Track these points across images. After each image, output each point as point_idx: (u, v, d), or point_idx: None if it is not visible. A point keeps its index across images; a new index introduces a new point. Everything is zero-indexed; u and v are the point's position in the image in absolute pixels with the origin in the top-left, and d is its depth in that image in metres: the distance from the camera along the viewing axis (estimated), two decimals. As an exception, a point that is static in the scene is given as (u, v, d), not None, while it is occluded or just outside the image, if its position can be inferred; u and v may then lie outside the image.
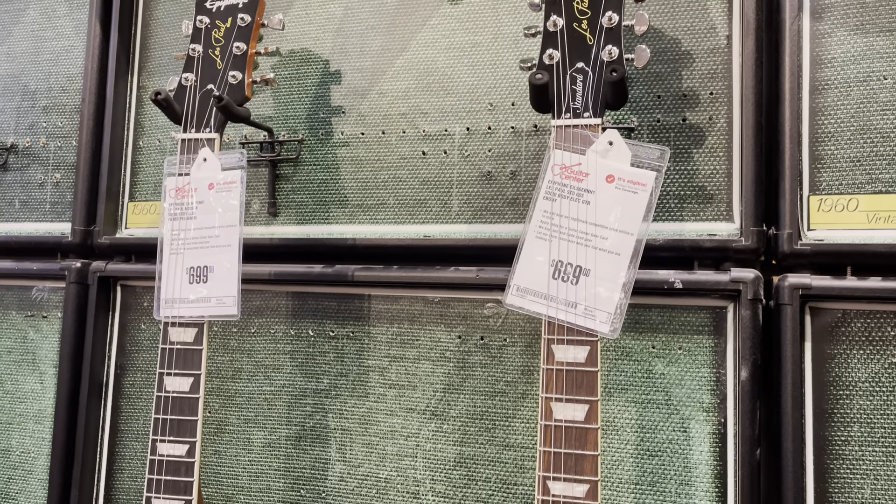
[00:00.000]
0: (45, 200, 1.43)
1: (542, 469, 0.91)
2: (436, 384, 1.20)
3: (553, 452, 0.91)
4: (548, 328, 0.94)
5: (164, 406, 1.06)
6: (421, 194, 1.23)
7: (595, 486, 0.89)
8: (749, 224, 1.06)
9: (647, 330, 1.12)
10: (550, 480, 0.91)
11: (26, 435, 1.39)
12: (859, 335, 1.03)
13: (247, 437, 1.28)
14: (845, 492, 1.02)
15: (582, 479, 0.90)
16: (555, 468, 0.91)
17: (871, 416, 1.02)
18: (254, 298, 1.30)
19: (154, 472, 1.05)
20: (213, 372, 1.31)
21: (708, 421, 1.08)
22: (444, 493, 1.18)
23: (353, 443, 1.23)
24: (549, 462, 0.91)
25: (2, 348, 1.43)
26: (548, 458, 0.91)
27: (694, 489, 1.07)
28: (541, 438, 0.92)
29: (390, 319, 1.24)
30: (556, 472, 0.91)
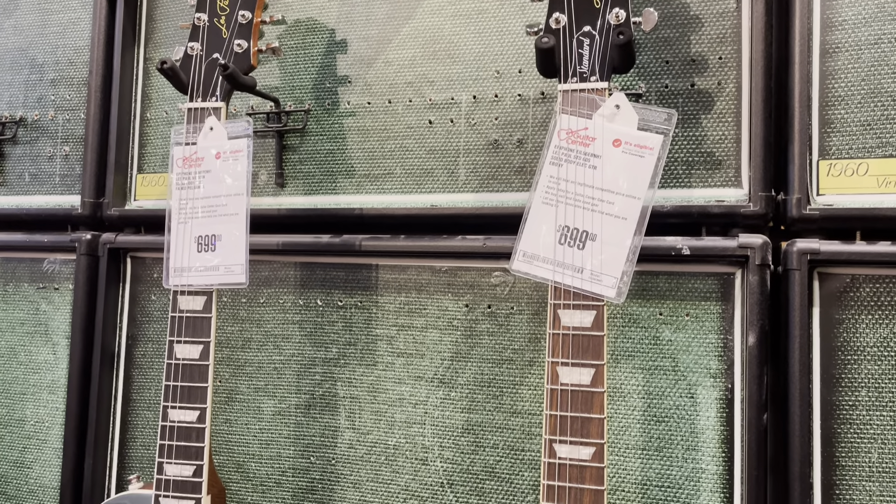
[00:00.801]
0: (54, 173, 1.44)
1: (548, 432, 0.92)
2: (443, 352, 1.21)
3: (559, 416, 0.91)
4: (554, 293, 0.94)
5: (174, 373, 1.07)
6: (428, 163, 1.23)
7: (601, 449, 0.90)
8: (757, 189, 1.06)
9: (655, 297, 1.12)
10: (557, 443, 0.91)
11: (40, 405, 1.41)
12: (868, 300, 1.03)
13: (257, 405, 1.29)
14: (852, 456, 1.02)
15: (588, 442, 0.90)
16: (561, 431, 0.91)
17: (880, 380, 1.02)
18: (262, 269, 1.31)
19: (166, 438, 1.06)
20: (223, 342, 1.32)
21: (715, 387, 1.08)
22: (452, 460, 1.19)
23: (361, 411, 1.24)
24: (555, 425, 0.92)
25: (15, 320, 1.44)
26: (554, 421, 0.92)
27: (701, 454, 1.08)
28: (547, 402, 0.92)
29: (398, 289, 1.24)
30: (562, 436, 0.91)
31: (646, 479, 1.10)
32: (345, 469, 1.24)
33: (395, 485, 1.21)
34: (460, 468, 1.18)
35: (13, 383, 1.43)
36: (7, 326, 1.45)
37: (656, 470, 1.09)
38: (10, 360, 1.44)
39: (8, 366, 1.44)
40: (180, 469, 1.05)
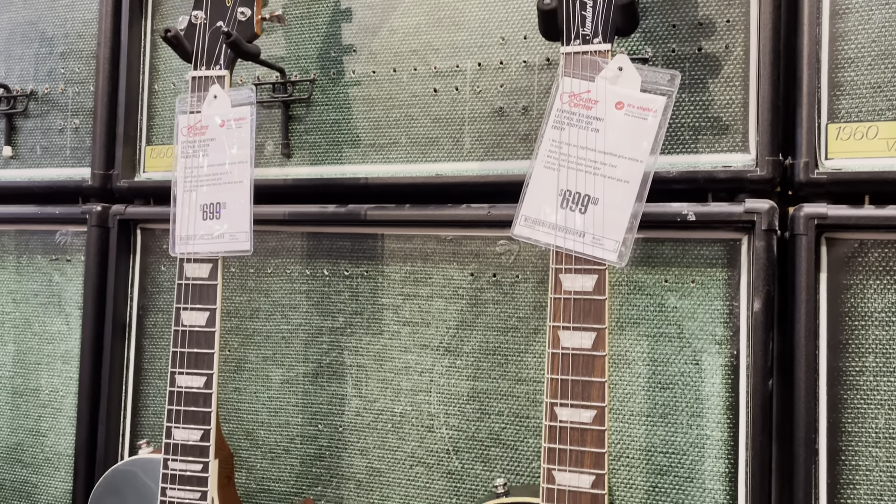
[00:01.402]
0: (65, 146, 1.45)
1: (549, 396, 0.92)
2: (449, 321, 1.21)
3: (560, 380, 0.92)
4: (556, 258, 0.93)
5: (181, 340, 1.08)
6: (433, 132, 1.23)
7: (602, 412, 0.90)
8: (764, 154, 1.04)
9: (660, 264, 1.11)
10: (558, 406, 0.91)
11: (54, 375, 1.44)
12: (876, 265, 1.01)
13: (266, 374, 1.31)
14: (859, 422, 1.01)
15: (589, 406, 0.90)
16: (562, 395, 0.91)
17: (887, 346, 1.01)
18: (270, 239, 1.32)
19: (174, 403, 1.08)
20: (232, 311, 1.33)
21: (720, 353, 1.07)
22: (457, 427, 1.19)
23: (368, 379, 1.25)
24: (556, 389, 0.92)
25: (29, 291, 1.46)
26: (555, 385, 0.92)
27: (705, 421, 1.07)
28: (549, 366, 0.92)
29: (403, 258, 1.24)
30: (563, 399, 0.91)
31: (650, 445, 1.10)
32: (352, 436, 1.25)
33: (401, 451, 1.22)
34: (466, 435, 1.19)
35: (28, 353, 1.46)
36: (21, 298, 1.47)
37: (661, 436, 1.09)
38: (25, 331, 1.46)
39: (23, 336, 1.46)
40: (188, 433, 1.07)
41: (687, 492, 1.07)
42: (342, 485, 1.25)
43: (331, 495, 1.25)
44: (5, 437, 1.45)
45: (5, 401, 1.46)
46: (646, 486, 1.09)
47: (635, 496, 1.10)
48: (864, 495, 1.01)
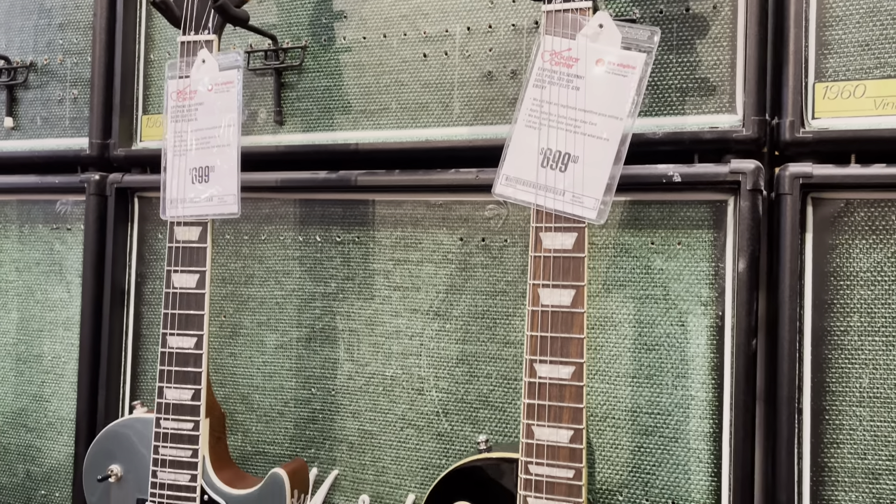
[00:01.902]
0: (64, 116, 1.47)
1: (529, 353, 0.93)
2: (438, 285, 1.22)
3: (540, 336, 0.92)
4: (536, 216, 0.94)
5: (172, 301, 1.10)
6: (422, 98, 1.23)
7: (580, 368, 0.90)
8: (750, 114, 1.04)
9: (647, 226, 1.11)
10: (537, 363, 0.92)
11: (57, 341, 1.46)
12: (862, 225, 1.01)
13: (260, 339, 1.33)
14: (843, 381, 1.01)
15: (568, 361, 0.91)
16: (541, 351, 0.92)
17: (872, 305, 1.00)
18: (263, 206, 1.33)
19: (165, 363, 1.10)
20: (227, 278, 1.35)
21: (706, 314, 1.07)
22: (447, 390, 1.21)
23: (360, 343, 1.27)
24: (535, 346, 0.92)
25: (31, 260, 1.49)
26: (535, 341, 0.92)
27: (690, 381, 1.08)
28: (528, 323, 0.93)
29: (394, 224, 1.25)
30: (542, 356, 0.92)
31: (636, 406, 1.10)
32: (344, 399, 1.27)
33: (392, 414, 1.24)
34: (455, 397, 1.20)
35: (31, 321, 1.48)
36: (24, 266, 1.50)
37: (646, 397, 1.10)
38: (28, 299, 1.49)
39: (25, 304, 1.49)
40: (179, 393, 1.09)
41: (672, 451, 1.08)
42: (335, 447, 1.27)
43: (324, 457, 1.27)
44: (10, 403, 1.49)
45: (9, 367, 1.49)
46: (631, 446, 1.10)
47: (621, 456, 1.10)
48: (848, 454, 1.01)
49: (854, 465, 1.00)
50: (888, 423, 0.99)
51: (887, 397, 0.99)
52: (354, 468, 1.26)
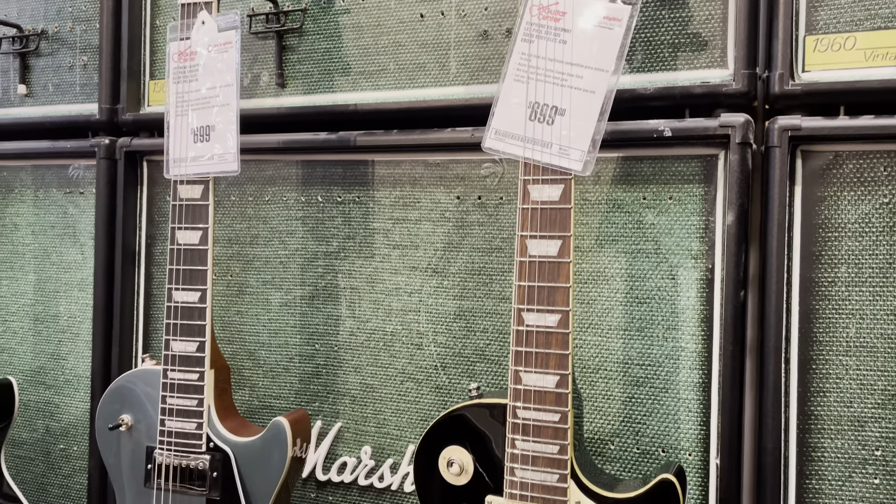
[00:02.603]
0: (74, 83, 1.51)
1: (517, 302, 0.95)
2: (436, 243, 1.25)
3: (527, 286, 0.95)
4: (524, 169, 0.96)
5: (177, 258, 1.14)
6: (420, 58, 1.25)
7: (566, 316, 0.93)
8: (741, 68, 1.04)
9: (639, 182, 1.12)
10: (525, 312, 0.95)
11: (72, 302, 1.52)
12: (851, 177, 1.02)
13: (265, 297, 1.36)
14: (830, 331, 1.03)
15: (554, 310, 0.93)
16: (529, 300, 0.95)
17: (860, 256, 1.01)
18: (267, 168, 1.36)
19: (171, 317, 1.14)
20: (233, 238, 1.39)
21: (696, 267, 1.09)
22: (445, 344, 1.24)
23: (361, 300, 1.30)
24: (523, 295, 0.95)
25: (46, 223, 1.54)
26: (522, 291, 0.95)
27: (680, 333, 1.10)
28: (516, 273, 0.95)
29: (393, 183, 1.28)
30: (529, 304, 0.94)
31: (627, 358, 1.13)
32: (346, 355, 1.31)
33: (392, 368, 1.27)
34: (453, 352, 1.23)
35: (47, 282, 1.54)
36: (40, 230, 1.55)
37: (637, 349, 1.12)
38: (44, 261, 1.54)
39: (42, 266, 1.54)
40: (185, 345, 1.13)
41: (662, 402, 1.10)
42: (338, 400, 1.31)
43: (327, 410, 1.32)
44: (28, 361, 1.55)
45: (28, 327, 1.55)
46: (622, 396, 1.13)
47: (612, 407, 1.13)
48: (834, 402, 1.02)
49: (840, 413, 1.02)
50: (874, 371, 1.01)
51: (874, 346, 1.01)
52: (357, 421, 1.30)
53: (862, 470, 1.01)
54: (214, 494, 1.11)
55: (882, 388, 1.00)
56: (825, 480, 1.03)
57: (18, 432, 1.54)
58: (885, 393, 1.00)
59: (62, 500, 1.51)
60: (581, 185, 1.16)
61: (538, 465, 0.93)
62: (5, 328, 1.57)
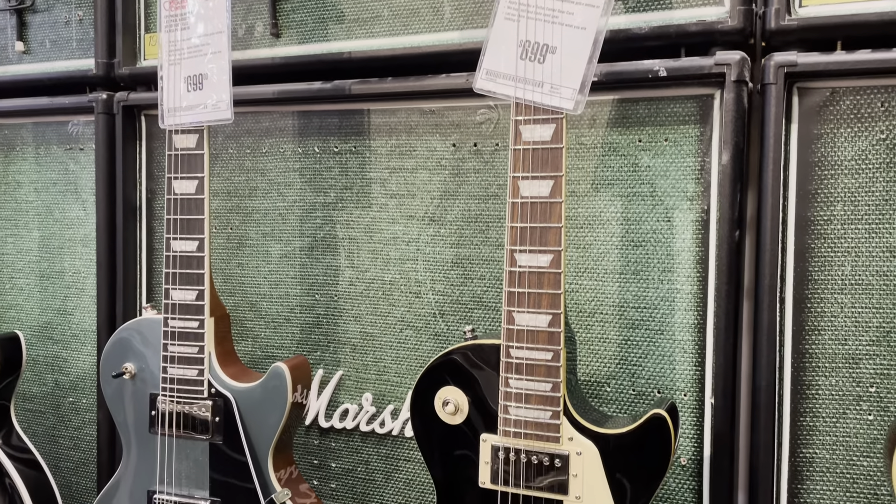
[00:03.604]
0: (71, 38, 1.50)
1: (510, 243, 0.95)
2: (433, 192, 1.25)
3: (520, 227, 0.95)
4: (516, 109, 0.95)
5: (174, 207, 1.15)
6: (413, 3, 1.23)
7: (558, 256, 0.93)
8: (737, 4, 1.03)
9: (634, 124, 1.12)
10: (517, 252, 0.95)
11: (76, 257, 1.53)
12: (847, 113, 1.00)
13: (265, 249, 1.37)
14: (825, 269, 1.02)
15: (546, 250, 0.94)
16: (521, 241, 0.95)
17: (856, 194, 1.01)
18: (263, 119, 1.36)
19: (170, 266, 1.15)
20: (232, 191, 1.39)
21: (691, 209, 1.09)
22: (443, 292, 1.25)
23: (359, 250, 1.31)
24: (516, 236, 0.95)
25: (48, 180, 1.55)
26: (515, 232, 0.95)
27: (676, 275, 1.10)
28: (509, 215, 0.95)
29: (389, 132, 1.28)
30: (522, 245, 0.95)
31: (623, 301, 1.13)
32: (346, 304, 1.32)
33: (391, 317, 1.28)
34: (450, 299, 1.24)
35: (51, 239, 1.55)
36: (42, 187, 1.56)
37: (633, 292, 1.12)
38: (47, 218, 1.55)
39: (45, 223, 1.56)
40: (184, 294, 1.14)
41: (657, 343, 1.11)
42: (339, 349, 1.32)
43: (329, 359, 1.33)
44: (36, 317, 1.57)
45: (34, 283, 1.57)
46: (618, 339, 1.13)
47: (608, 350, 1.14)
48: (829, 341, 1.03)
49: (835, 351, 1.02)
50: (869, 308, 1.00)
51: (869, 284, 1.00)
52: (357, 369, 1.31)
53: (856, 407, 1.02)
54: (217, 439, 1.13)
55: (877, 325, 1.00)
56: (819, 417, 1.03)
57: (28, 386, 1.57)
58: (879, 330, 1.00)
59: (72, 452, 1.55)
60: (576, 129, 1.15)
61: (531, 402, 0.94)
62: (12, 285, 1.59)
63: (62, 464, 1.56)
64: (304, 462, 1.34)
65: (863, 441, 1.01)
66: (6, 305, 1.60)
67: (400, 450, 1.28)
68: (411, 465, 1.27)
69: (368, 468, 1.30)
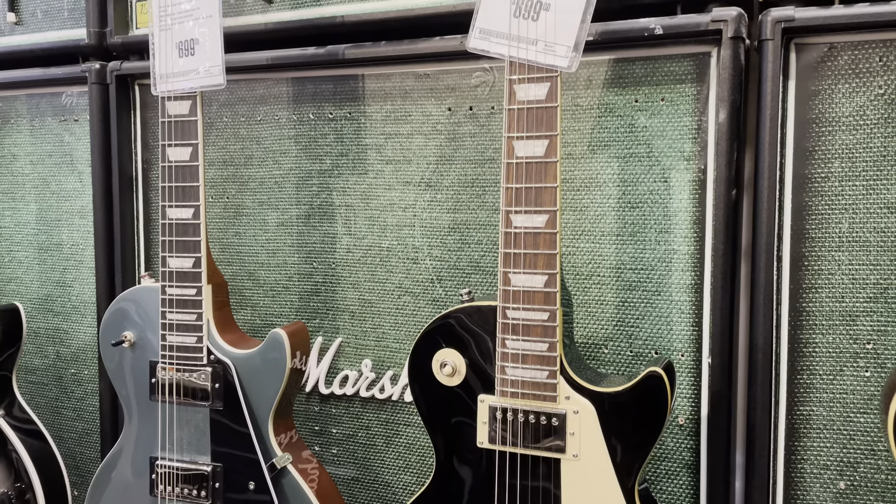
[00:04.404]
0: (62, 8, 1.49)
1: (505, 204, 0.95)
2: (429, 157, 1.24)
3: (515, 188, 0.94)
4: (510, 68, 0.94)
5: (168, 175, 1.14)
6: (406, -34, 1.22)
7: (554, 216, 0.93)
8: (733, -43, 1.01)
9: (631, 84, 1.11)
10: (513, 213, 0.95)
11: (74, 229, 1.53)
12: (846, 69, 0.99)
13: (262, 218, 1.37)
14: (823, 227, 1.02)
15: (542, 210, 0.93)
16: (516, 202, 0.94)
17: (854, 150, 1.00)
18: (257, 87, 1.35)
19: (166, 234, 1.15)
20: (227, 160, 1.38)
21: (688, 169, 1.08)
22: (440, 257, 1.24)
23: (356, 217, 1.30)
24: (511, 197, 0.95)
25: (43, 153, 1.54)
26: (510, 193, 0.95)
27: (673, 236, 1.09)
28: (504, 176, 0.95)
29: (384, 97, 1.27)
30: (517, 206, 0.94)
31: (620, 263, 1.13)
32: (344, 271, 1.32)
33: (389, 283, 1.28)
34: (448, 265, 1.24)
35: (48, 211, 1.55)
36: (37, 159, 1.55)
37: (630, 254, 1.12)
38: (44, 190, 1.55)
39: (42, 195, 1.55)
40: (181, 262, 1.14)
41: (654, 304, 1.11)
42: (337, 316, 1.33)
43: (328, 326, 1.33)
44: (36, 290, 1.57)
45: (33, 256, 1.57)
46: (616, 301, 1.13)
47: (606, 311, 1.14)
48: (826, 298, 1.02)
49: (832, 309, 1.02)
50: (866, 265, 1.00)
51: (866, 240, 1.00)
52: (356, 335, 1.32)
53: (853, 363, 1.02)
54: (217, 405, 1.14)
55: (874, 282, 1.00)
56: (816, 375, 1.03)
57: (30, 359, 1.58)
58: (877, 286, 1.00)
59: (75, 423, 1.56)
60: (573, 91, 1.14)
61: (528, 362, 0.95)
62: (11, 258, 1.59)
63: (66, 434, 1.57)
64: (305, 429, 1.35)
65: (860, 398, 1.02)
66: (6, 279, 1.60)
67: (400, 415, 1.29)
68: (411, 429, 1.28)
69: (369, 433, 1.31)
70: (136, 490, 1.20)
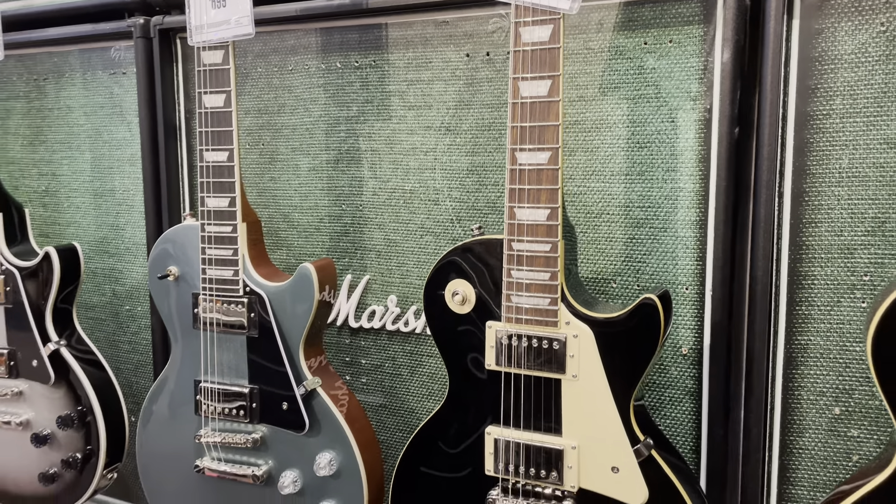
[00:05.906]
0: (108, -34, 1.58)
1: (510, 142, 1.01)
2: (448, 102, 1.30)
3: (520, 127, 1.00)
4: (515, 11, 0.99)
5: (205, 120, 1.23)
6: (426, -84, 1.26)
7: (556, 153, 0.98)
8: None
9: (639, 27, 1.14)
10: (518, 151, 1.00)
11: (125, 176, 1.65)
12: (849, 6, 1.01)
13: (295, 163, 1.46)
14: (823, 163, 1.05)
15: (544, 148, 0.99)
16: (521, 140, 1.00)
17: (855, 87, 1.02)
18: (288, 38, 1.42)
19: (204, 176, 1.24)
20: (262, 108, 1.47)
21: (695, 109, 1.12)
22: (459, 199, 1.31)
23: (381, 161, 1.38)
24: (516, 136, 1.00)
25: (96, 104, 1.66)
26: (515, 132, 1.00)
27: (679, 174, 1.14)
28: (510, 115, 1.01)
29: (405, 45, 1.32)
30: (522, 144, 1.00)
31: (628, 201, 1.18)
32: (370, 213, 1.40)
33: (412, 224, 1.36)
34: (466, 205, 1.31)
35: (102, 160, 1.67)
36: (91, 111, 1.66)
37: (638, 192, 1.17)
38: (97, 140, 1.67)
39: (95, 145, 1.67)
40: (217, 202, 1.24)
41: (661, 240, 1.16)
42: (365, 255, 1.41)
43: (356, 265, 1.42)
44: (92, 233, 1.70)
45: (89, 202, 1.70)
46: (624, 237, 1.19)
47: (614, 248, 1.19)
48: (825, 232, 1.06)
49: (831, 242, 1.06)
50: (865, 200, 1.03)
51: (865, 176, 1.03)
52: (383, 273, 1.40)
53: (850, 295, 1.05)
54: (253, 332, 1.24)
55: (872, 216, 1.03)
56: (814, 306, 1.07)
57: (89, 297, 1.72)
58: (875, 220, 1.03)
59: (131, 354, 1.70)
60: (584, 35, 1.18)
61: (532, 291, 1.01)
62: (69, 203, 1.72)
63: (123, 366, 1.71)
64: (337, 360, 1.45)
65: (856, 328, 1.06)
66: (65, 223, 1.73)
67: (422, 346, 1.37)
68: (433, 360, 1.36)
69: (395, 363, 1.40)
70: (182, 410, 1.32)
